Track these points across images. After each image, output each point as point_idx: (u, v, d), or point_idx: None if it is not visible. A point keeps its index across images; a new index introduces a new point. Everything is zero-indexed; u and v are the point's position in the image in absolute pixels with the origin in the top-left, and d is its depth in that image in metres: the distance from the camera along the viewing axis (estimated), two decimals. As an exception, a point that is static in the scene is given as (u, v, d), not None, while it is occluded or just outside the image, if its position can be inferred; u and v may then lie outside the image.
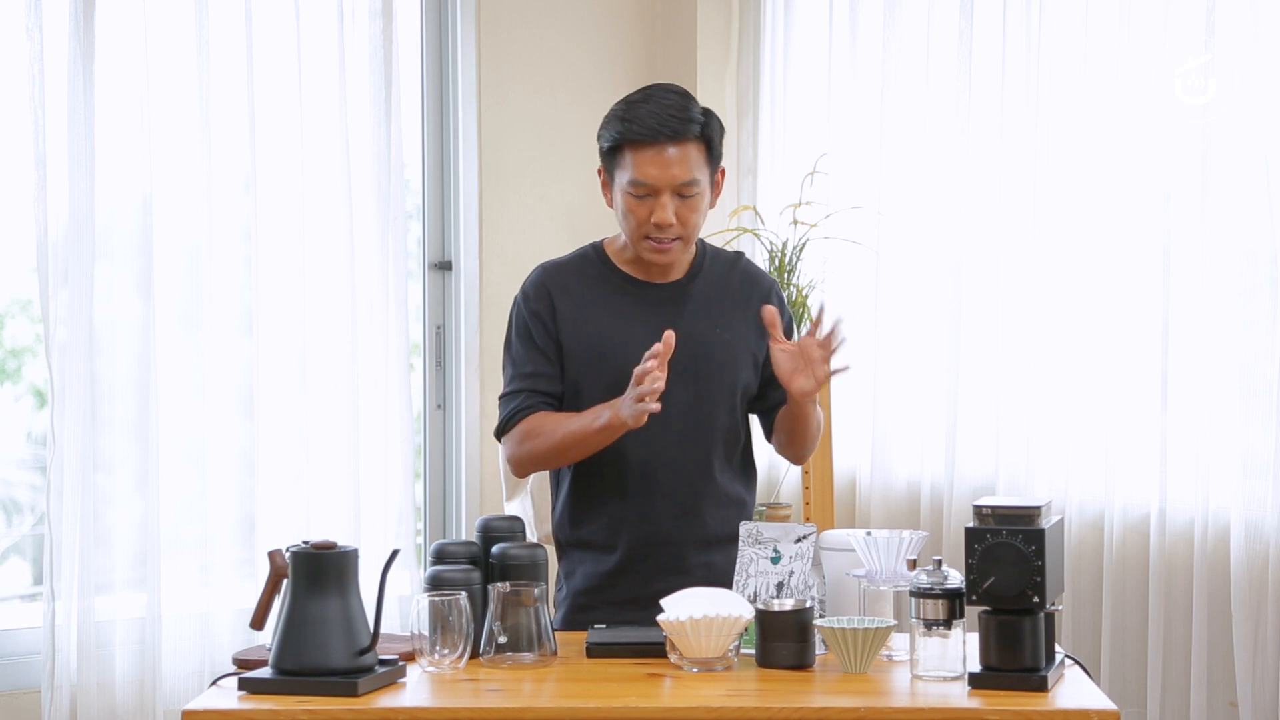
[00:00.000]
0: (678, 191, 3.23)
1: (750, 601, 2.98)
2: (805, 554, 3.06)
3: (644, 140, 3.22)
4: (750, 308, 3.37)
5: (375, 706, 2.69)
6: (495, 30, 5.09)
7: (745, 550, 3.09)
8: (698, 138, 3.24)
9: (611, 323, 3.31)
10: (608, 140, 3.27)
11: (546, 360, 3.33)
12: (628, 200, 3.25)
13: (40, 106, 4.20)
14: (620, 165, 3.26)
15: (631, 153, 3.23)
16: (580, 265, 3.39)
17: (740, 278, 3.41)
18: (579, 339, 3.31)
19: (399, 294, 4.74)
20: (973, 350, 4.73)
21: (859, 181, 4.95)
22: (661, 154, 3.22)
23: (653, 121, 3.23)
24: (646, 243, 3.27)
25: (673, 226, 3.24)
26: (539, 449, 3.31)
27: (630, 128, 3.23)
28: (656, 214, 3.23)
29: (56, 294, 4.22)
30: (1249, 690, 4.17)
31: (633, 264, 3.36)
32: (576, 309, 3.33)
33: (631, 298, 3.33)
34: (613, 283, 3.35)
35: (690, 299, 3.34)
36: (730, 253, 3.48)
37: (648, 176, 3.22)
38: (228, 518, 4.50)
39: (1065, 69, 4.56)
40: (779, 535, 3.08)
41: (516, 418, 3.33)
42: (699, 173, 3.24)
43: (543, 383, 3.33)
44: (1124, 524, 4.45)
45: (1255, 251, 4.24)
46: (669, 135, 3.22)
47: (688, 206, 3.24)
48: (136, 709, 4.36)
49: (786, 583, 3.05)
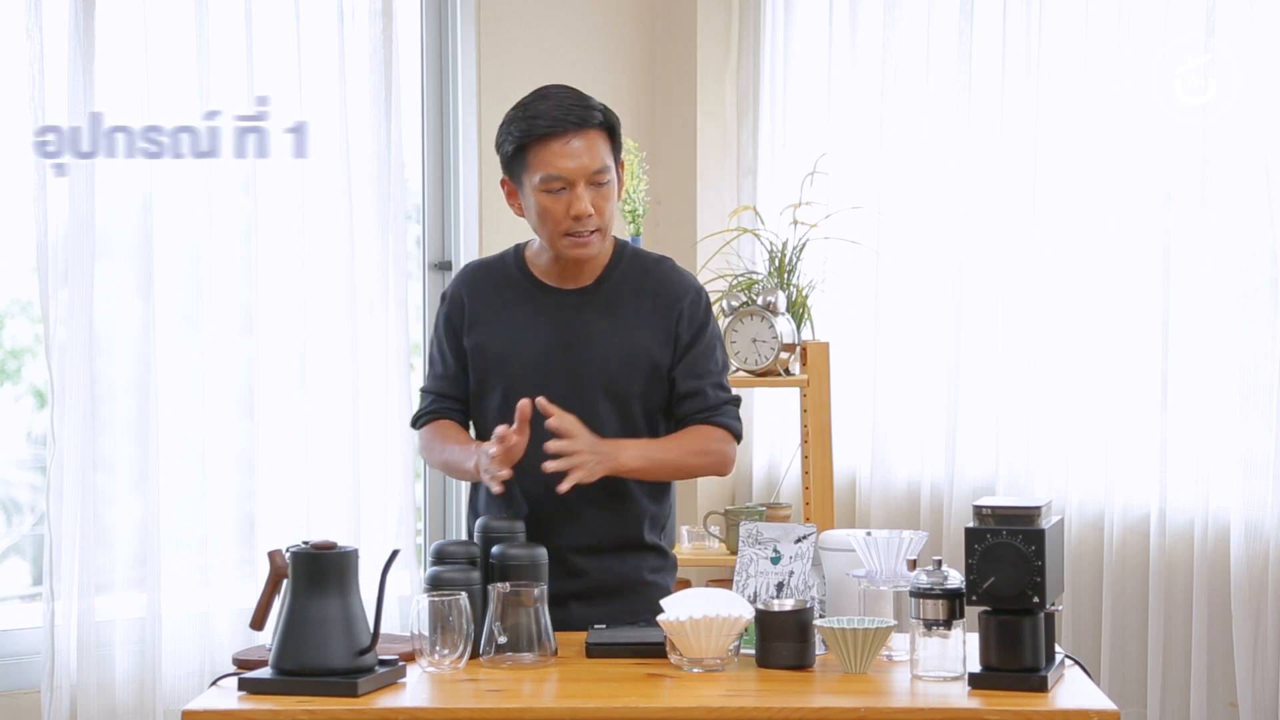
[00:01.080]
0: (591, 180, 3.21)
1: (750, 602, 2.98)
2: (805, 554, 3.06)
3: (550, 133, 3.21)
4: (659, 314, 3.31)
5: (375, 707, 2.69)
6: (495, 30, 5.09)
7: (745, 550, 3.09)
8: (600, 126, 3.24)
9: (511, 326, 3.32)
10: (511, 143, 3.25)
11: (454, 363, 3.37)
12: (541, 199, 3.22)
13: (40, 106, 4.20)
14: (527, 166, 3.23)
15: (538, 150, 3.21)
16: (498, 266, 3.39)
17: (653, 282, 3.34)
18: (484, 341, 3.33)
19: (399, 294, 4.74)
20: (973, 350, 4.73)
21: (859, 181, 4.95)
22: (569, 144, 3.21)
23: (556, 113, 3.22)
24: (566, 240, 3.24)
25: (591, 217, 3.22)
26: (432, 459, 3.43)
27: (534, 124, 3.22)
28: (574, 206, 3.20)
29: (56, 294, 4.23)
30: (1249, 690, 4.17)
31: (545, 269, 3.34)
32: (484, 310, 3.35)
33: (534, 302, 3.32)
34: (521, 286, 3.35)
35: (592, 304, 3.31)
36: (654, 256, 3.42)
37: (560, 169, 3.20)
38: (228, 518, 4.50)
39: (1065, 69, 4.56)
40: (779, 535, 3.08)
41: (424, 419, 3.41)
42: (608, 159, 3.24)
43: (448, 385, 3.38)
44: (1124, 524, 4.45)
45: (1255, 251, 4.25)
46: (574, 124, 3.21)
47: (601, 196, 3.23)
48: (136, 709, 4.36)
49: (786, 583, 3.05)
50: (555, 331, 3.28)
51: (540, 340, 3.28)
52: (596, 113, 3.24)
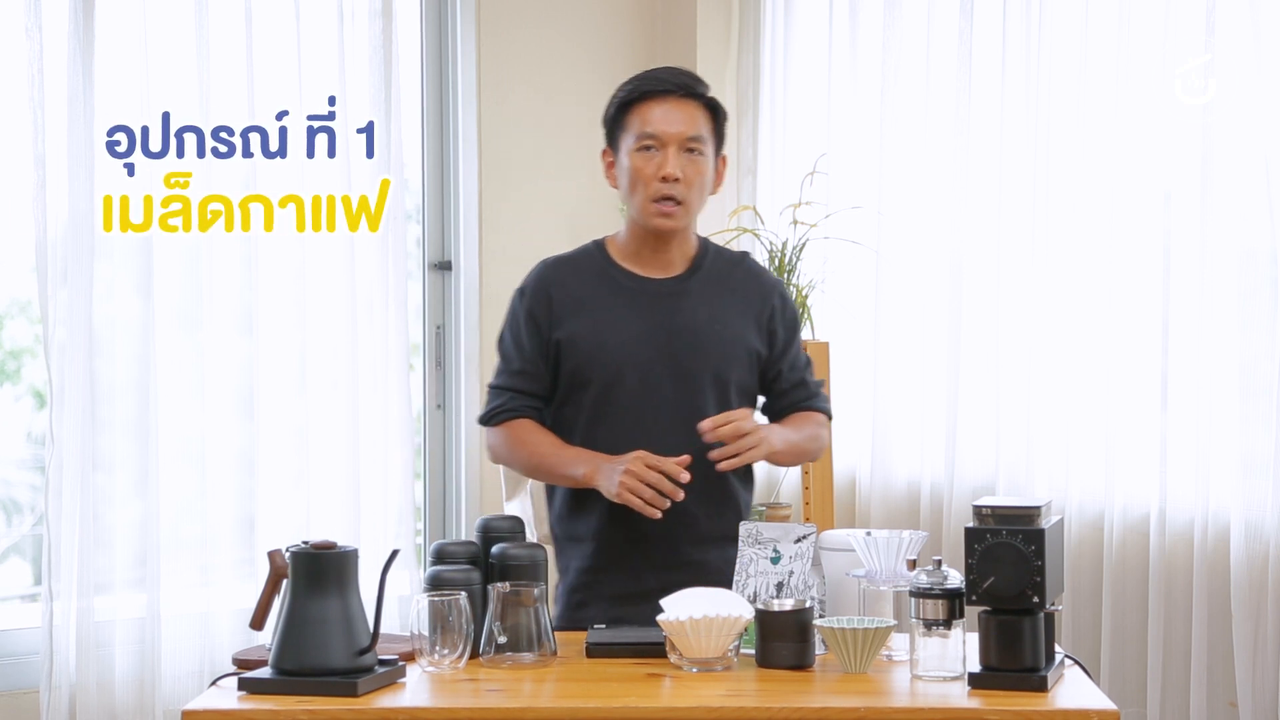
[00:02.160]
0: (684, 146, 3.27)
1: (750, 602, 2.97)
2: (805, 554, 3.06)
3: (654, 93, 3.29)
4: (751, 307, 3.38)
5: (375, 706, 2.69)
6: (495, 30, 5.09)
7: (745, 550, 3.09)
8: (703, 102, 3.32)
9: (608, 316, 3.33)
10: (618, 100, 3.33)
11: (533, 359, 3.36)
12: (634, 159, 3.28)
13: (40, 106, 4.20)
14: (626, 127, 3.31)
15: (639, 109, 3.30)
16: (581, 260, 3.41)
17: (743, 276, 3.42)
18: (577, 333, 3.33)
19: (399, 294, 4.74)
20: (973, 350, 4.73)
21: (859, 181, 4.95)
22: (671, 107, 3.28)
23: (665, 75, 3.33)
24: (652, 206, 3.29)
25: (678, 183, 3.25)
26: (515, 459, 3.40)
27: (642, 83, 3.32)
28: (663, 166, 3.26)
29: (56, 294, 4.23)
30: (1249, 690, 4.17)
31: (633, 259, 3.37)
32: (575, 304, 3.35)
33: (627, 292, 3.34)
34: (611, 277, 3.36)
35: (688, 294, 3.35)
36: (735, 252, 3.50)
37: (655, 128, 3.27)
38: (228, 518, 4.50)
39: (1065, 69, 4.56)
40: (779, 535, 3.08)
41: (500, 417, 3.39)
42: (705, 132, 3.30)
43: (529, 382, 3.37)
44: (1124, 524, 4.45)
45: (1255, 251, 4.24)
46: (678, 88, 3.30)
47: (693, 167, 3.28)
48: (136, 709, 4.36)
49: (786, 583, 3.05)
50: (654, 320, 3.31)
51: (639, 329, 3.31)
52: (701, 86, 3.33)
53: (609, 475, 3.18)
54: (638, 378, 3.28)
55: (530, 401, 3.37)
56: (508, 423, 3.38)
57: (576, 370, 3.33)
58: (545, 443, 3.34)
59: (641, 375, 3.29)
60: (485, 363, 5.06)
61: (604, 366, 3.30)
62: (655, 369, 3.29)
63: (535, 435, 3.35)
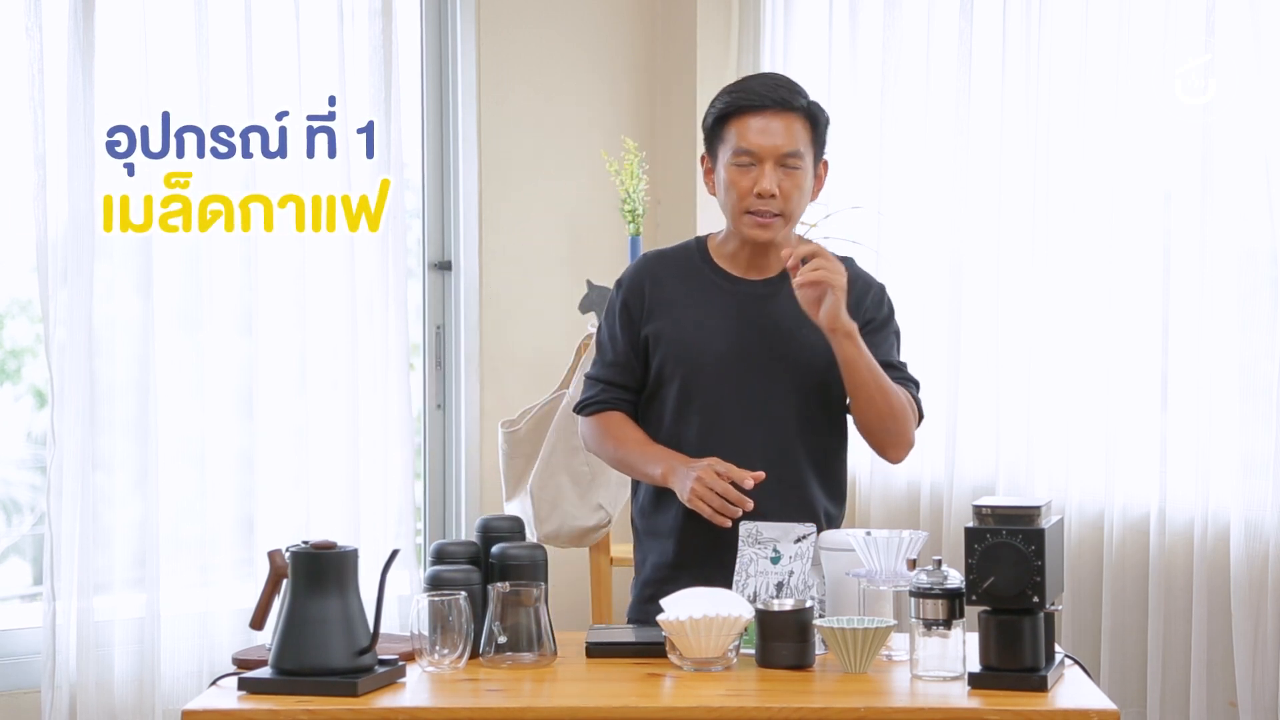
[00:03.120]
0: (781, 161, 3.24)
1: (750, 602, 2.97)
2: (805, 554, 3.06)
3: (750, 107, 3.25)
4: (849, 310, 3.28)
5: (375, 706, 2.69)
6: (495, 30, 5.09)
7: (745, 550, 3.09)
8: (803, 113, 3.28)
9: (697, 314, 3.32)
10: (715, 112, 3.31)
11: (628, 351, 3.36)
12: (731, 172, 3.26)
13: (40, 106, 4.20)
14: (724, 139, 3.28)
15: (736, 123, 3.26)
16: (680, 256, 3.41)
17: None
18: (665, 327, 3.33)
19: (399, 294, 4.74)
20: (973, 350, 4.73)
21: (859, 181, 4.95)
22: (767, 121, 3.25)
23: (761, 89, 3.28)
24: (747, 217, 3.27)
25: (775, 199, 3.24)
26: (602, 451, 3.42)
27: (738, 96, 3.28)
28: (760, 183, 3.23)
29: (56, 294, 4.23)
30: (1249, 690, 4.17)
31: (730, 259, 3.36)
32: (667, 298, 3.35)
33: (720, 292, 3.33)
34: (706, 275, 3.36)
35: (780, 296, 3.31)
36: (839, 255, 3.40)
37: (751, 143, 3.24)
38: (227, 518, 4.50)
39: (1065, 69, 4.56)
40: (779, 535, 3.08)
41: (591, 408, 3.40)
42: (802, 146, 3.26)
43: (620, 373, 3.37)
44: (1124, 524, 4.45)
45: (1255, 251, 4.24)
46: (775, 103, 3.25)
47: (791, 180, 3.25)
48: (136, 709, 4.36)
49: (786, 583, 3.05)
50: (743, 321, 3.29)
51: (726, 329, 3.29)
52: (801, 99, 3.29)
53: (683, 479, 3.18)
54: (720, 376, 3.28)
55: (622, 394, 3.38)
56: (599, 414, 3.39)
57: (662, 365, 3.33)
58: (630, 438, 3.34)
59: (724, 374, 3.28)
60: (485, 363, 5.06)
61: (688, 364, 3.30)
62: (738, 368, 3.28)
63: (623, 430, 3.36)
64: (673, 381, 3.31)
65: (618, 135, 5.04)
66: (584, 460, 4.53)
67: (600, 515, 4.56)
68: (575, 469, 4.55)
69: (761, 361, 3.29)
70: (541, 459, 4.56)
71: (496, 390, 5.06)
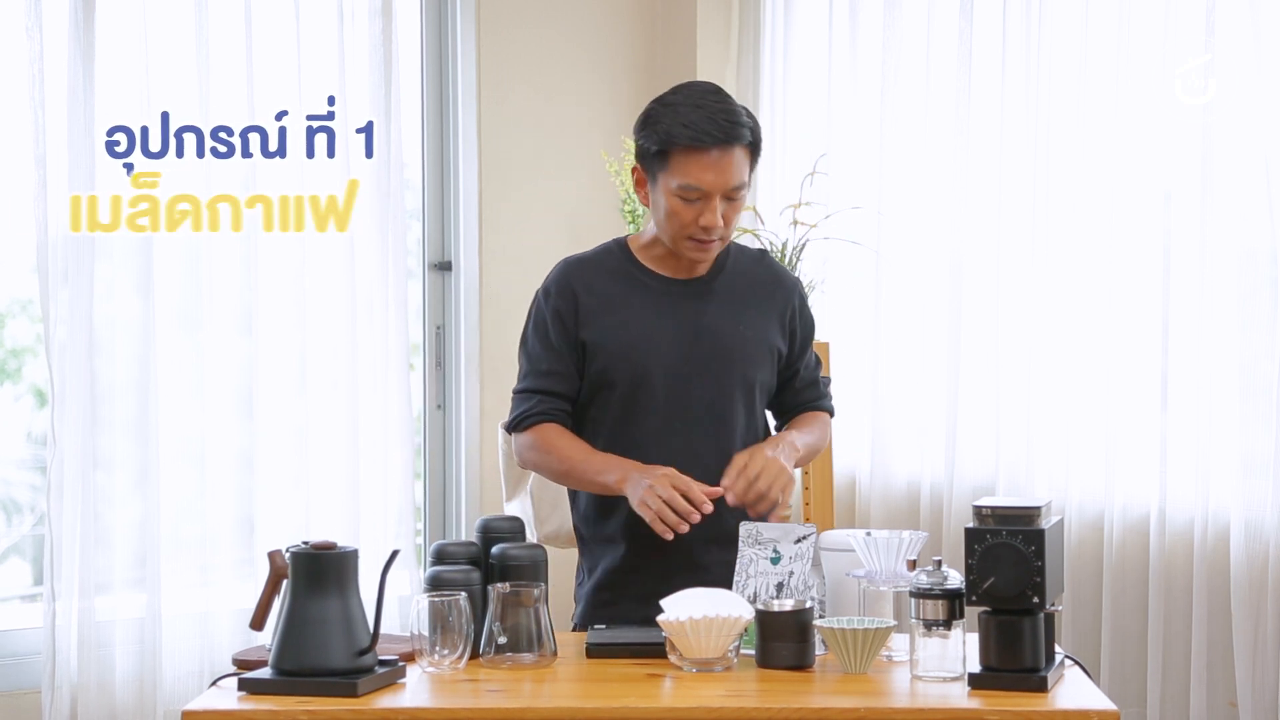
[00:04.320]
0: (726, 195, 3.22)
1: (750, 602, 2.97)
2: (805, 554, 3.05)
3: (696, 146, 3.19)
4: (773, 305, 3.36)
5: (375, 707, 2.69)
6: (495, 30, 5.09)
7: (745, 551, 3.09)
8: (746, 144, 3.24)
9: (636, 317, 3.30)
10: (655, 144, 3.22)
11: (561, 359, 3.32)
12: (673, 203, 3.23)
13: (40, 106, 4.20)
14: (666, 169, 3.22)
15: (681, 157, 3.20)
16: (604, 260, 3.38)
17: (765, 274, 3.41)
18: (604, 334, 3.30)
19: (399, 294, 4.74)
20: (973, 350, 4.73)
21: (859, 181, 4.95)
22: (714, 160, 3.19)
23: (707, 126, 3.19)
24: (689, 243, 3.26)
25: (719, 228, 3.23)
26: (542, 465, 3.35)
27: (683, 133, 3.19)
28: (705, 217, 3.21)
29: (56, 294, 4.23)
30: (1249, 690, 4.17)
31: (658, 260, 3.35)
32: (601, 304, 3.32)
33: (656, 293, 3.32)
34: (636, 278, 3.34)
35: (714, 295, 3.33)
36: (754, 250, 3.47)
37: (701, 181, 3.19)
38: (228, 518, 4.50)
39: (1065, 69, 4.56)
40: (779, 536, 3.08)
41: (528, 421, 3.34)
42: (745, 176, 3.25)
43: (557, 383, 3.32)
44: (1124, 524, 4.45)
45: (1255, 251, 4.25)
46: (722, 140, 3.20)
47: (732, 209, 3.25)
48: (136, 709, 4.36)
49: (786, 583, 3.04)
50: (680, 321, 3.29)
51: (666, 330, 3.28)
52: (745, 130, 3.23)
53: (636, 485, 3.16)
54: (665, 379, 3.27)
55: (558, 404, 3.33)
56: (535, 427, 3.33)
57: (604, 371, 3.30)
58: (574, 448, 3.29)
59: (669, 376, 3.27)
60: (485, 363, 5.06)
61: (632, 367, 3.28)
62: (683, 370, 3.28)
63: (563, 441, 3.31)
64: (615, 386, 3.29)
65: (618, 135, 5.04)
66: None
67: (600, 515, 4.56)
68: (575, 469, 4.55)
69: (704, 361, 3.29)
70: (541, 459, 4.55)
71: (496, 390, 5.06)
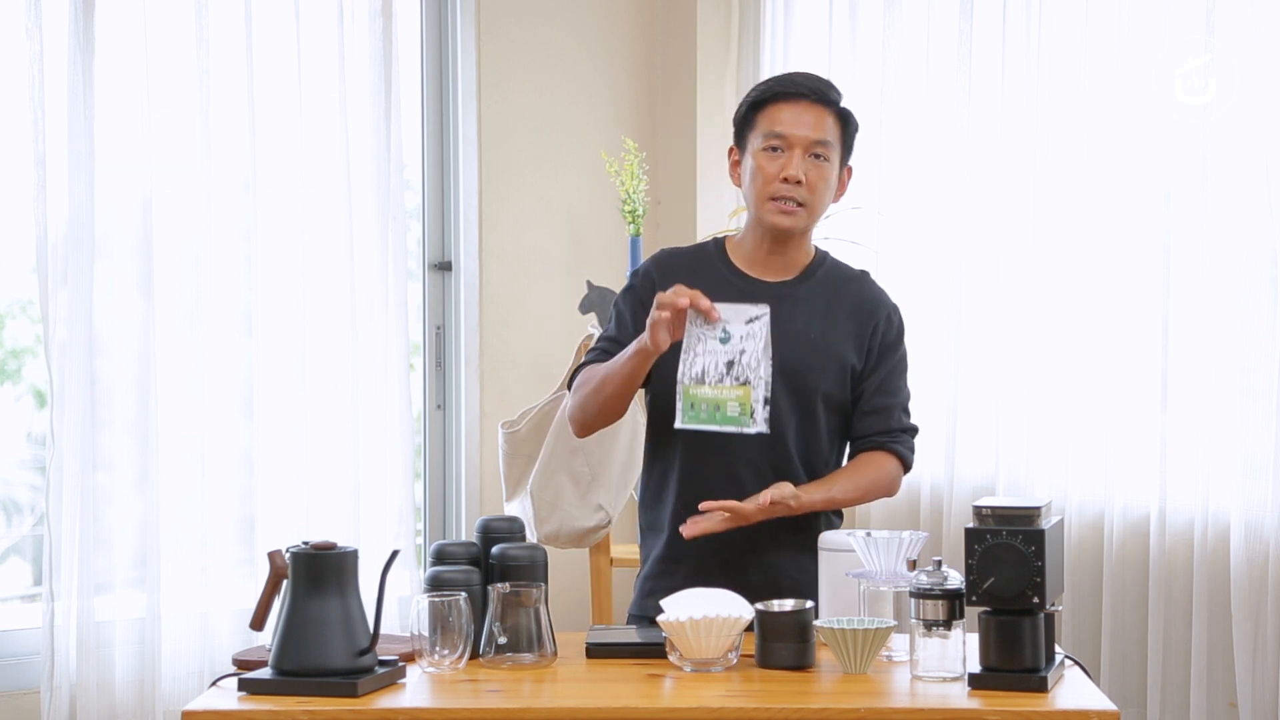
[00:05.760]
0: (810, 150, 3.25)
1: (699, 379, 2.95)
2: (757, 334, 3.03)
3: (786, 94, 3.28)
4: (855, 321, 3.32)
5: (375, 707, 2.70)
6: (495, 30, 5.09)
7: (692, 330, 3.07)
8: (836, 110, 3.30)
9: None
10: (749, 99, 3.31)
11: (630, 330, 3.31)
12: (759, 158, 3.27)
13: (40, 106, 4.20)
14: (755, 126, 3.29)
15: (769, 109, 3.28)
16: (696, 254, 3.41)
17: (856, 290, 3.37)
18: None
19: (399, 294, 4.74)
20: (973, 350, 4.73)
21: (859, 181, 4.92)
22: (800, 111, 3.27)
23: (798, 78, 3.32)
24: (771, 204, 3.27)
25: (800, 186, 3.24)
26: (586, 396, 3.32)
27: (774, 84, 3.31)
28: (787, 168, 3.24)
29: (56, 294, 4.23)
30: (1249, 690, 4.17)
31: (747, 260, 3.35)
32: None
33: (736, 291, 3.29)
34: (719, 273, 3.34)
35: (793, 298, 3.31)
36: (855, 269, 3.44)
37: (784, 126, 3.25)
38: (228, 518, 4.50)
39: (1065, 69, 4.56)
40: (730, 316, 3.05)
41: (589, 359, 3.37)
42: (832, 138, 3.28)
43: (618, 348, 3.31)
44: (1124, 524, 4.45)
45: (1255, 251, 4.24)
46: (811, 93, 3.28)
47: (817, 172, 3.26)
48: (136, 709, 4.36)
49: (737, 361, 3.02)
50: None
51: None
52: (836, 95, 3.31)
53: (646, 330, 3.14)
54: None
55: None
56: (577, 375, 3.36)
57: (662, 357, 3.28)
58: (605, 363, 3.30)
59: None
60: (485, 363, 5.06)
61: None
62: None
63: (597, 367, 3.32)
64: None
65: (618, 135, 5.04)
66: (584, 461, 4.53)
67: (600, 516, 4.56)
68: (575, 470, 4.55)
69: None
70: (541, 460, 4.56)
71: (496, 391, 5.06)
